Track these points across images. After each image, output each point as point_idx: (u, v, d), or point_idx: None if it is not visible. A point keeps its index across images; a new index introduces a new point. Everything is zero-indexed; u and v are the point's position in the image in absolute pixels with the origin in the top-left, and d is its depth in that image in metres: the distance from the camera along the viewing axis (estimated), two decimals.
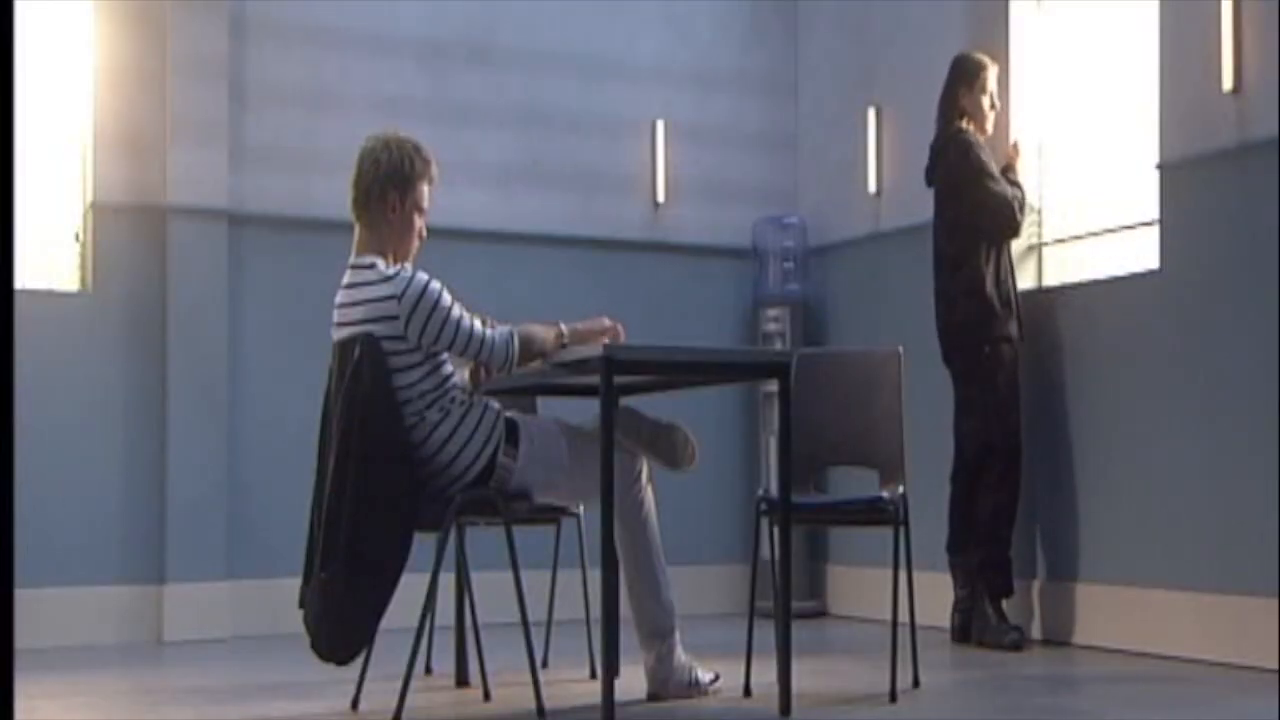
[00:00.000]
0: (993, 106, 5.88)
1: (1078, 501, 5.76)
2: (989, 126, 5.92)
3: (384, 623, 4.05)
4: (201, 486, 6.17)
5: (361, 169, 4.24)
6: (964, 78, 5.86)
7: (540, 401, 5.30)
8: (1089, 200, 5.98)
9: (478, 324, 4.18)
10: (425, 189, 4.28)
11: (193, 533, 6.15)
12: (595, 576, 4.30)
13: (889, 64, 6.85)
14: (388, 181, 4.20)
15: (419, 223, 4.28)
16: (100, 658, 5.65)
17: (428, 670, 5.06)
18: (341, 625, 4.03)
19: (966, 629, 5.78)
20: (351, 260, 4.24)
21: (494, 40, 6.90)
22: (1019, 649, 5.56)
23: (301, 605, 4.15)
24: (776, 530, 4.42)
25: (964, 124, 5.84)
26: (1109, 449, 5.62)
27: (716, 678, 4.55)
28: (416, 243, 4.30)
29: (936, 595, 5.94)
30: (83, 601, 6.02)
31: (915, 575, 4.83)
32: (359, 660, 4.24)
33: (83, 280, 6.21)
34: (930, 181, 5.95)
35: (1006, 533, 5.73)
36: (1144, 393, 5.48)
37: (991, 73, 5.88)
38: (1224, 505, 5.15)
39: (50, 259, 6.18)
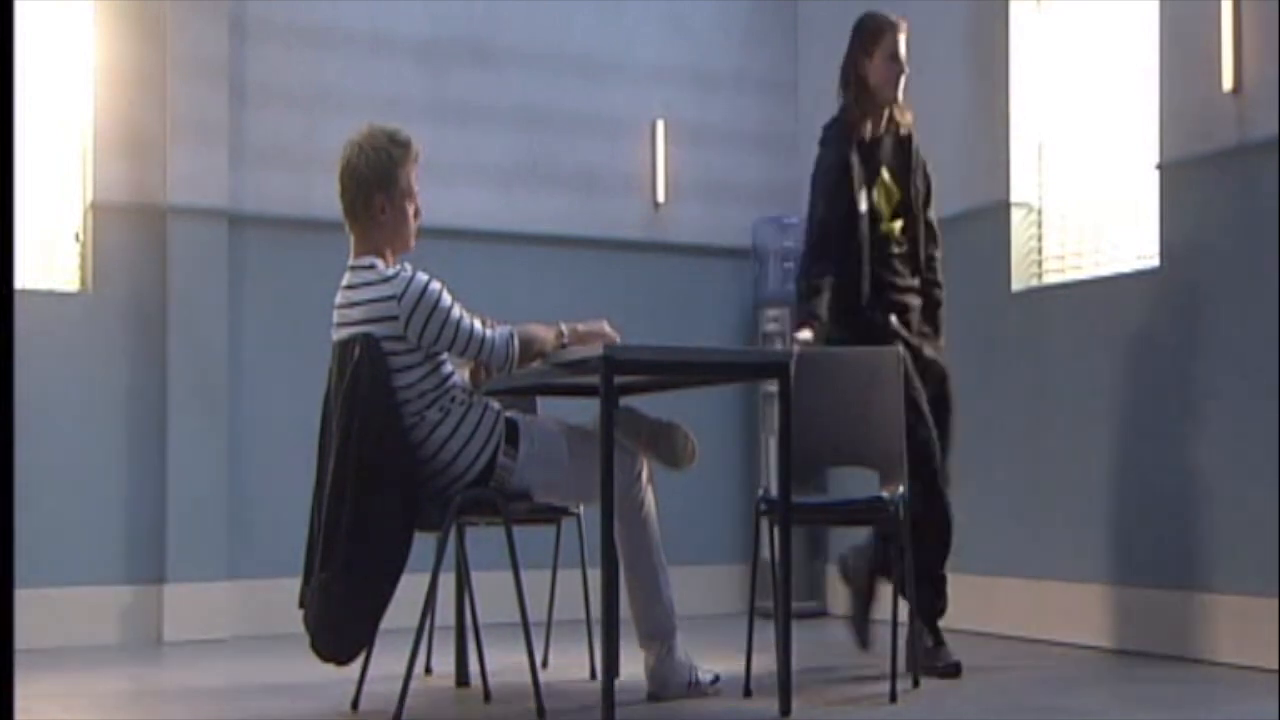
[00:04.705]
0: (901, 72, 5.16)
1: (1075, 501, 5.75)
2: (898, 93, 5.19)
3: (384, 623, 4.05)
4: (201, 486, 6.17)
5: (344, 184, 4.20)
6: (863, 42, 5.14)
7: (540, 401, 5.30)
8: (1088, 200, 5.97)
9: (478, 324, 4.17)
10: (410, 172, 4.24)
11: (193, 533, 6.15)
12: (595, 576, 4.30)
13: None
14: (373, 186, 4.17)
15: (411, 207, 4.26)
16: (100, 658, 5.65)
17: (428, 670, 5.06)
18: (341, 625, 4.04)
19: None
20: (351, 261, 4.24)
21: (494, 40, 6.90)
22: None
23: (301, 605, 4.15)
24: (776, 530, 4.42)
25: (854, 99, 5.15)
26: (1108, 448, 5.61)
27: (717, 678, 4.54)
28: (413, 224, 4.29)
29: None
30: (83, 601, 6.02)
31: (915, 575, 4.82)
32: (359, 660, 4.24)
33: (83, 280, 6.21)
34: None
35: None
36: (1144, 392, 5.48)
37: (899, 36, 5.14)
38: (1224, 504, 5.15)
39: (50, 259, 6.18)
